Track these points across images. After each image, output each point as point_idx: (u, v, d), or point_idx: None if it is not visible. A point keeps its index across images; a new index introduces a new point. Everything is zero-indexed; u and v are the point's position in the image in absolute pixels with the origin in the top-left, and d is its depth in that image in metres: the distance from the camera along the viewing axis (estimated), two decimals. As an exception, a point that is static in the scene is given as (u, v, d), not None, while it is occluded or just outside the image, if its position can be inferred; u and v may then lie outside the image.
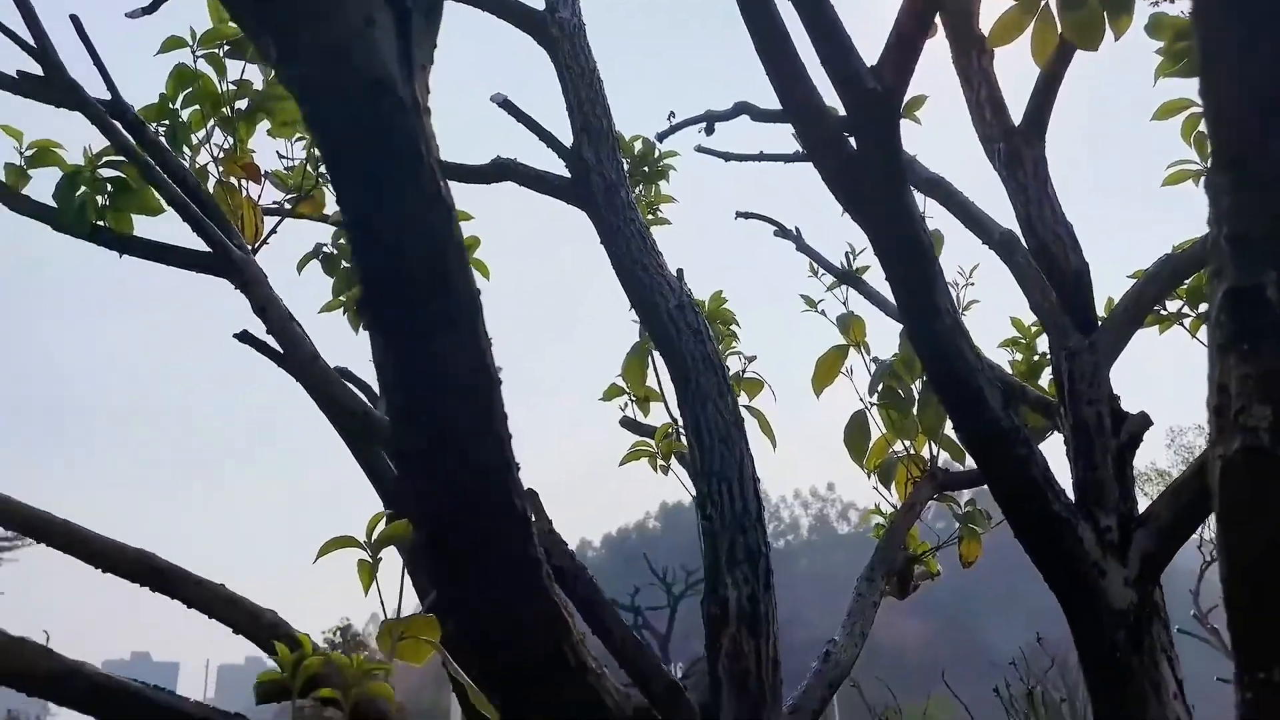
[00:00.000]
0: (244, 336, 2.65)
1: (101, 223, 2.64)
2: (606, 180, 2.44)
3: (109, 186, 2.72)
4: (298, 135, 2.89)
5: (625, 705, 1.30)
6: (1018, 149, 2.48)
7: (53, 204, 2.64)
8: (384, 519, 1.75)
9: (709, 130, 3.90)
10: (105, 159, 2.66)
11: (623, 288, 2.41)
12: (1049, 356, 3.20)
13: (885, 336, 3.63)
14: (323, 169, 2.99)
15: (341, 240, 2.97)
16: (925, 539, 3.60)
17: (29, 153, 2.75)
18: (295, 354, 2.03)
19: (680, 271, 2.38)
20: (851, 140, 1.94)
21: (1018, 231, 2.43)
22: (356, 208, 1.10)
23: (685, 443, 3.12)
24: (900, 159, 1.98)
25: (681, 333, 2.22)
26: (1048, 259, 2.33)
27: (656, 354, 3.29)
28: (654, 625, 27.70)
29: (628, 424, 3.50)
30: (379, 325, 1.13)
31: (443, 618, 1.19)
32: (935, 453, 3.40)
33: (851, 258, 3.44)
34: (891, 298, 3.43)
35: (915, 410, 3.33)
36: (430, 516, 1.15)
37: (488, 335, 1.16)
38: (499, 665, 1.19)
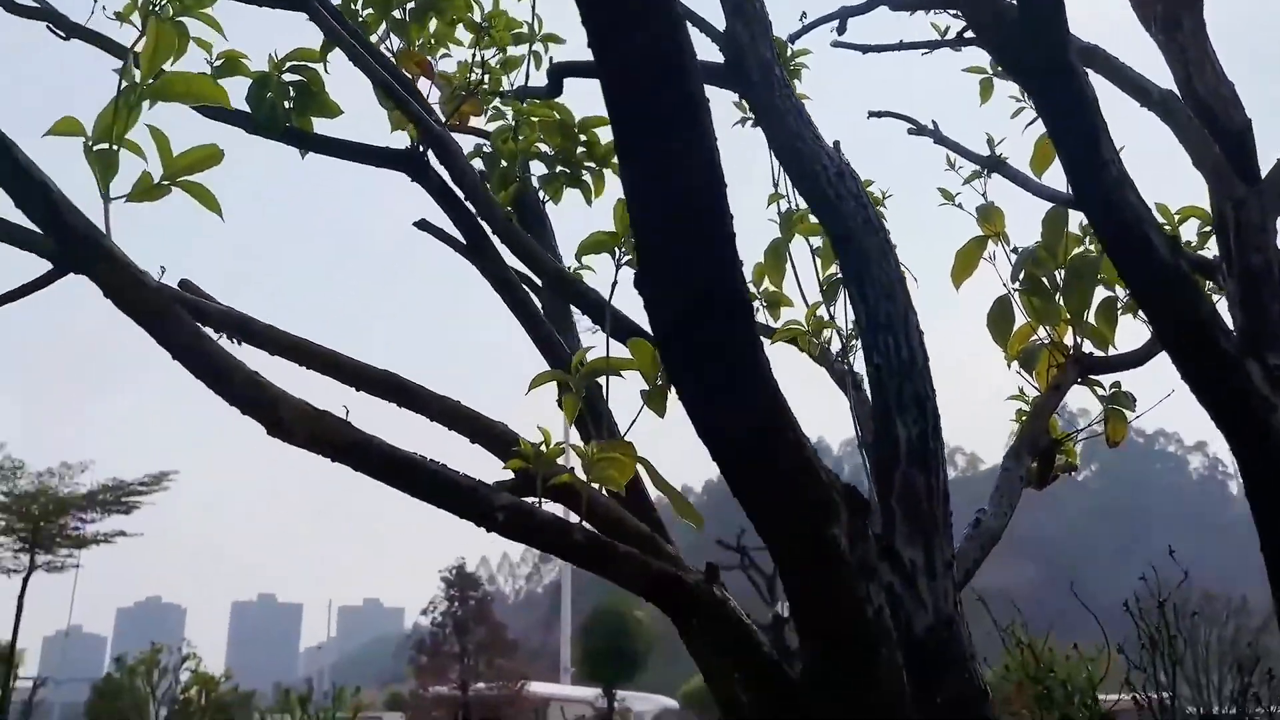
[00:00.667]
0: (422, 224, 2.86)
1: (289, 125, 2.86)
2: (761, 59, 2.52)
3: (292, 91, 2.94)
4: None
5: (835, 481, 1.44)
6: (1175, 12, 2.47)
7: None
8: (584, 357, 1.92)
9: (841, 28, 3.94)
10: (289, 64, 2.88)
11: (780, 163, 2.51)
12: (1199, 226, 3.19)
13: (1023, 227, 3.64)
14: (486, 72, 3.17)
15: (502, 139, 3.13)
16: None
17: (218, 63, 2.99)
18: (491, 213, 2.19)
19: (837, 143, 2.47)
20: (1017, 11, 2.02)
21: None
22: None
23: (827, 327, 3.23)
24: (1066, 23, 2.04)
25: (843, 198, 2.31)
26: (1209, 118, 2.34)
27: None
28: (760, 564, 27.90)
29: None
30: (632, 151, 1.26)
31: (683, 401, 1.33)
32: (1079, 340, 3.42)
33: (993, 145, 3.45)
34: (1035, 172, 3.46)
35: (1059, 296, 3.35)
36: (675, 312, 1.28)
37: (715, 141, 1.29)
38: (726, 438, 1.33)
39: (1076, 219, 3.43)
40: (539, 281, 2.90)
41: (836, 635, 1.38)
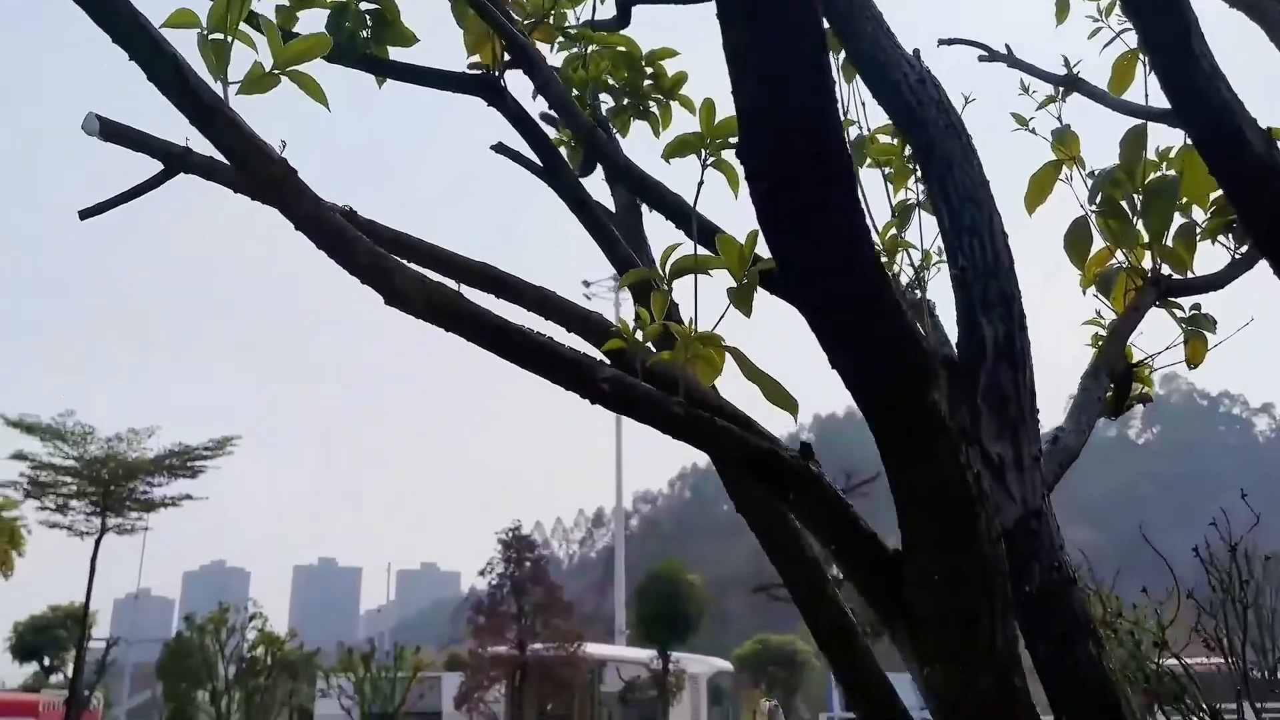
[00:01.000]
0: (499, 148, 2.89)
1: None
2: (839, -29, 2.51)
3: (369, 19, 2.99)
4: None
5: (936, 351, 1.45)
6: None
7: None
8: (673, 254, 1.94)
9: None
10: (365, -9, 2.92)
11: (860, 74, 2.50)
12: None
13: (1098, 151, 3.57)
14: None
15: (572, 68, 3.15)
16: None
17: (297, -7, 3.04)
18: (577, 121, 2.22)
19: (916, 51, 2.45)
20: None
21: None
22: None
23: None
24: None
25: (924, 104, 2.30)
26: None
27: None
28: (815, 526, 27.81)
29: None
30: (731, 15, 1.28)
31: (782, 269, 1.35)
32: (1157, 263, 3.37)
33: (1070, 65, 3.40)
34: (1112, 93, 3.40)
35: (1137, 219, 3.30)
36: (777, 173, 1.30)
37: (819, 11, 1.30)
38: (825, 302, 1.35)
39: (1154, 142, 3.37)
40: (612, 208, 2.94)
41: (936, 500, 1.40)
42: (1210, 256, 3.48)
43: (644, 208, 2.84)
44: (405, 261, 1.59)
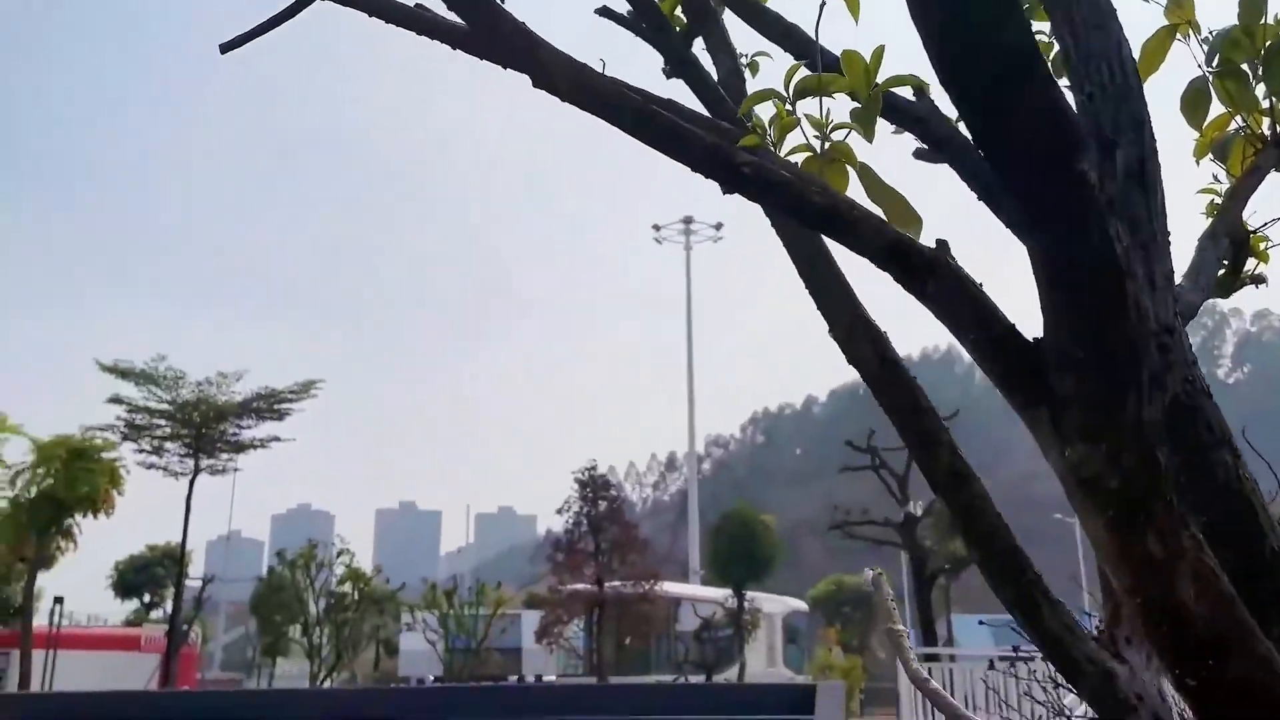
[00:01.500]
0: (604, 11, 2.90)
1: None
2: None
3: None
4: None
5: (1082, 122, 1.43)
6: None
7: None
8: (796, 73, 1.93)
9: None
10: None
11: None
12: None
13: (1212, 17, 3.43)
14: None
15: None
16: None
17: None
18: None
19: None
20: None
21: None
22: None
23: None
24: None
25: (1047, -67, 2.23)
26: None
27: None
28: (891, 465, 27.72)
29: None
30: None
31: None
32: (1276, 127, 3.24)
33: (1188, -82, 3.24)
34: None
35: (1257, 82, 3.17)
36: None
37: None
38: (977, 68, 1.34)
39: (1275, 5, 3.22)
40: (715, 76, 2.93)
41: (1084, 275, 1.39)
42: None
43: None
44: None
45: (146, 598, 54.09)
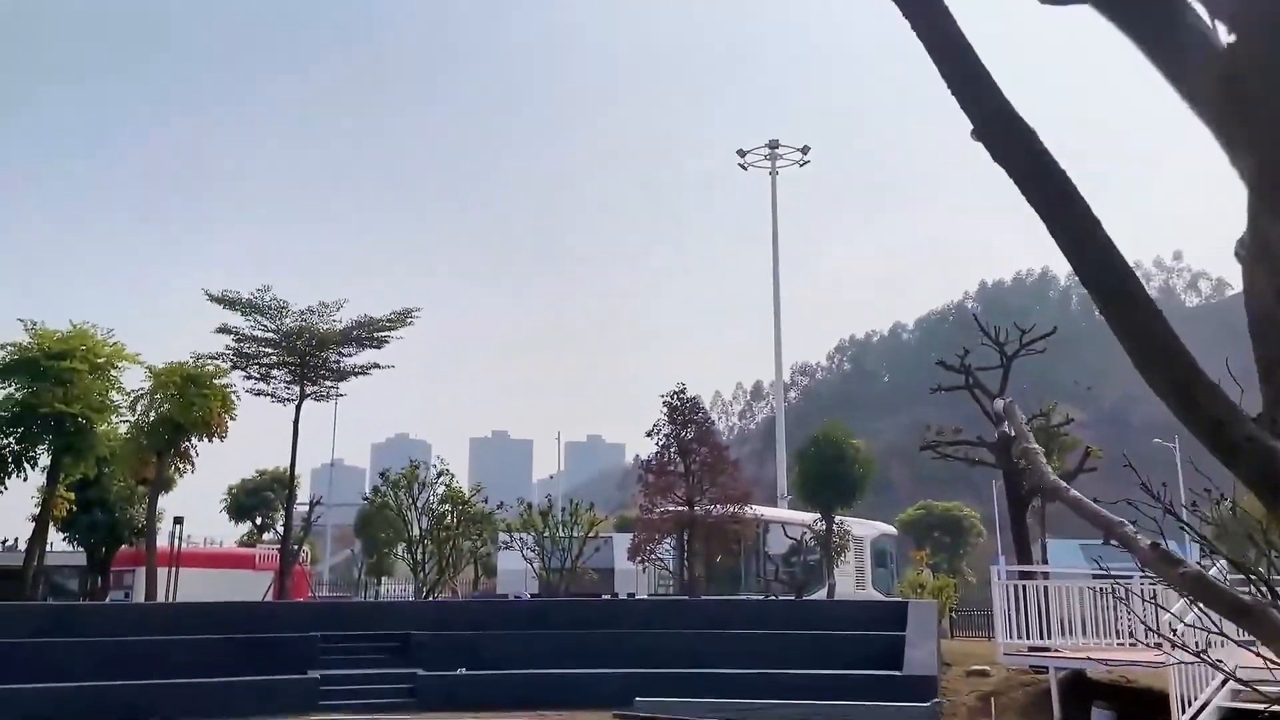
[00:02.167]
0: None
1: None
2: None
3: None
4: None
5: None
6: None
7: None
8: None
9: None
10: None
11: None
12: None
13: None
14: None
15: None
16: None
17: None
18: None
19: None
20: None
21: None
22: None
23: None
24: None
25: None
26: None
27: None
28: (985, 385, 27.31)
29: None
30: None
31: None
32: None
33: None
34: None
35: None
36: None
37: None
38: None
39: None
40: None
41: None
42: None
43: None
44: None
45: (258, 520, 56.88)
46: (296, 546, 38.01)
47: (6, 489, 29.66)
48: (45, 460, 29.92)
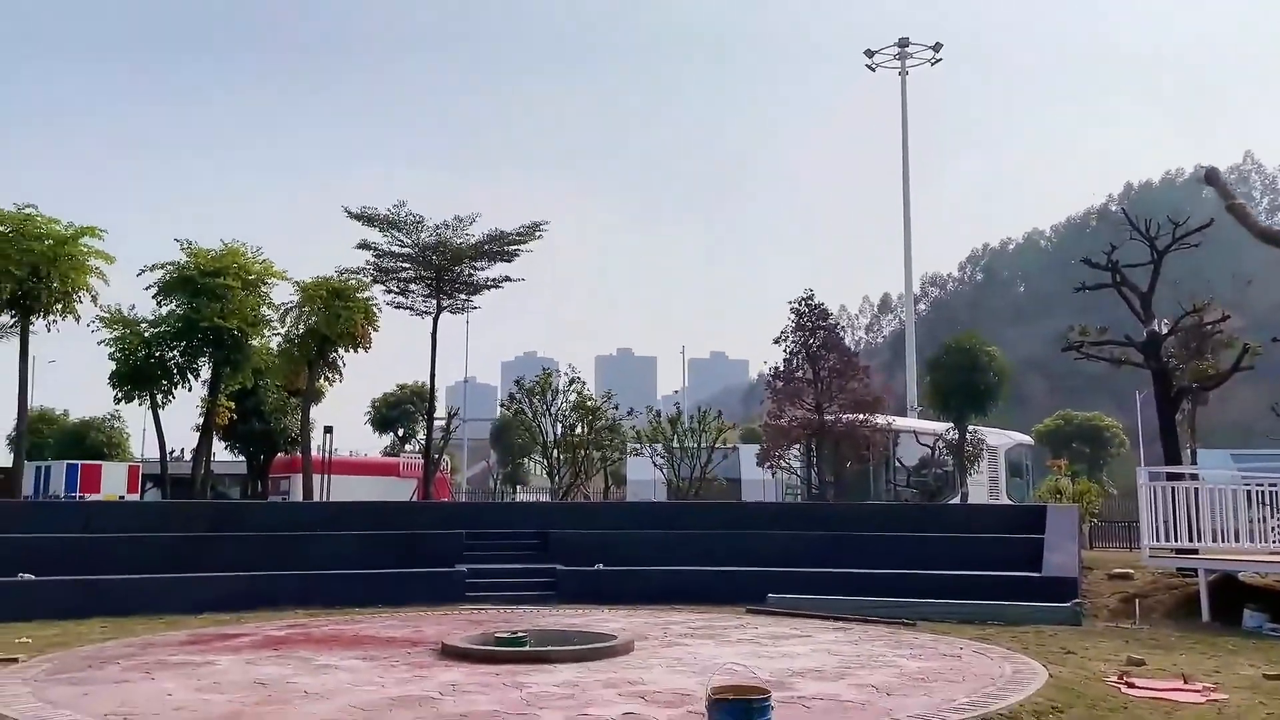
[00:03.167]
0: None
1: None
2: None
3: None
4: None
5: None
6: None
7: None
8: None
9: None
10: None
11: None
12: None
13: None
14: None
15: None
16: None
17: None
18: None
19: None
20: None
21: None
22: None
23: None
24: None
25: None
26: None
27: None
28: (1132, 282, 26.01)
29: None
30: None
31: None
32: None
33: None
34: None
35: None
36: None
37: None
38: None
39: None
40: None
41: None
42: None
43: None
44: None
45: (399, 432, 59.56)
46: (437, 455, 39.69)
47: (175, 399, 31.87)
48: (206, 373, 31.94)
